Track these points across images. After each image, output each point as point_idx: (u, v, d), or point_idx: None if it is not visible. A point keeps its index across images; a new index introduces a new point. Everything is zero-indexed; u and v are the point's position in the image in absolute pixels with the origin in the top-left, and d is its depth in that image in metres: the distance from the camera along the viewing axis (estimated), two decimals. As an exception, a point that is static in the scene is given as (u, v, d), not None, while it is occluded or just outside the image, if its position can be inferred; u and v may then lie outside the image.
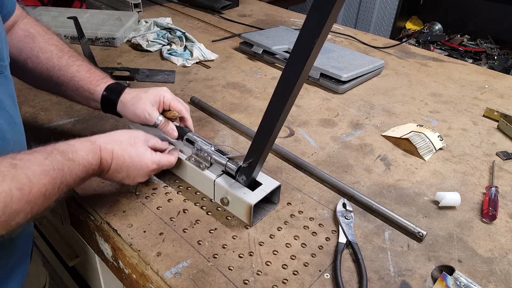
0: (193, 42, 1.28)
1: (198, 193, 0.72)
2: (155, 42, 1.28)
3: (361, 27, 3.09)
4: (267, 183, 0.68)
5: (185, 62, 1.20)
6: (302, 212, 0.70)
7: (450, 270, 0.58)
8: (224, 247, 0.62)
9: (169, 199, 0.71)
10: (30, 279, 0.72)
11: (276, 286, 0.57)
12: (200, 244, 0.63)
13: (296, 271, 0.59)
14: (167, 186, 0.74)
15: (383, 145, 0.90)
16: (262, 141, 0.60)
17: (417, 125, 0.94)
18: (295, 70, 0.50)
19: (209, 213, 0.69)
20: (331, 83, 1.11)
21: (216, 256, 0.61)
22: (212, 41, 1.39)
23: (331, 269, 0.60)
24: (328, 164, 0.83)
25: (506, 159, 0.87)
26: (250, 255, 0.61)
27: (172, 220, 0.67)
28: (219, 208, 0.70)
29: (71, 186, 0.54)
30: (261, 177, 0.68)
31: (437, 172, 0.82)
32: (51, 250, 1.07)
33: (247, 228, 0.66)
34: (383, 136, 0.93)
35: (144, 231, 0.64)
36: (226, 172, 0.69)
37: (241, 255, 0.61)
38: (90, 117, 0.91)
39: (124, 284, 0.68)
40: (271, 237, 0.65)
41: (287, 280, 0.58)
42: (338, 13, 0.61)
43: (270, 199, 0.71)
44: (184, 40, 1.28)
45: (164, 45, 1.28)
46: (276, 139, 0.83)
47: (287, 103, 0.54)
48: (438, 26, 2.84)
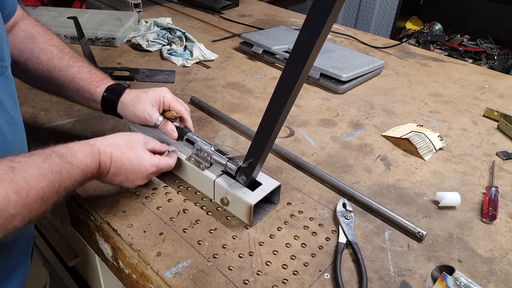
0: (193, 42, 1.28)
1: (198, 193, 0.72)
2: (155, 42, 1.28)
3: (361, 27, 3.09)
4: (267, 183, 0.68)
5: (185, 62, 1.20)
6: (302, 212, 0.70)
7: (450, 270, 0.58)
8: (224, 247, 0.62)
9: (169, 199, 0.71)
10: (31, 279, 0.72)
11: (276, 286, 0.57)
12: (200, 244, 0.63)
13: (296, 271, 0.59)
14: (167, 186, 0.74)
15: (383, 145, 0.90)
16: (262, 141, 0.60)
17: (417, 125, 0.94)
18: (295, 70, 0.50)
19: (209, 213, 0.69)
20: (331, 83, 1.11)
21: (216, 256, 0.61)
22: (212, 41, 1.39)
23: (331, 269, 0.60)
24: (328, 164, 0.83)
25: (506, 159, 0.87)
26: (250, 255, 0.61)
27: (172, 220, 0.67)
28: (219, 208, 0.70)
29: (69, 190, 0.53)
30: (261, 177, 0.68)
31: (437, 172, 0.82)
32: (51, 250, 1.07)
33: (247, 228, 0.66)
34: (383, 136, 0.93)
35: (144, 231, 0.64)
36: (226, 172, 0.69)
37: (241, 255, 0.61)
38: (90, 117, 0.91)
39: (124, 284, 0.68)
40: (271, 237, 0.65)
41: (287, 280, 0.58)
42: (338, 13, 0.61)
43: (270, 199, 0.71)
44: (184, 40, 1.28)
45: (164, 45, 1.28)
46: (276, 139, 0.83)
47: (287, 103, 0.54)
48: (438, 26, 2.84)
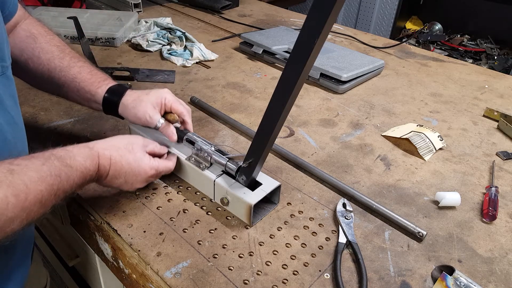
0: (193, 42, 1.28)
1: (198, 193, 0.72)
2: (155, 42, 1.28)
3: (361, 27, 3.09)
4: (267, 183, 0.68)
5: (185, 62, 1.20)
6: (302, 212, 0.70)
7: (450, 270, 0.58)
8: (224, 247, 0.62)
9: (169, 199, 0.71)
10: (31, 280, 0.72)
11: (276, 286, 0.57)
12: (200, 244, 0.63)
13: (296, 271, 0.59)
14: (167, 186, 0.74)
15: (383, 145, 0.90)
16: (262, 141, 0.60)
17: (417, 125, 0.94)
18: (295, 70, 0.50)
19: (209, 213, 0.69)
20: (331, 83, 1.11)
21: (216, 256, 0.61)
22: (212, 41, 1.39)
23: (331, 269, 0.60)
24: (328, 164, 0.83)
25: (506, 159, 0.87)
26: (250, 255, 0.61)
27: (172, 220, 0.67)
28: (219, 208, 0.70)
29: (68, 193, 0.53)
30: (261, 177, 0.68)
31: (437, 172, 0.82)
32: (51, 250, 1.07)
33: (247, 228, 0.66)
34: (383, 136, 0.93)
35: (144, 231, 0.64)
36: (226, 172, 0.69)
37: (241, 255, 0.61)
38: (90, 117, 0.91)
39: (124, 284, 0.68)
40: (271, 237, 0.65)
41: (287, 280, 0.58)
42: (338, 13, 0.61)
43: (270, 199, 0.71)
44: (184, 40, 1.28)
45: (164, 45, 1.28)
46: (276, 139, 0.83)
47: (287, 103, 0.54)
48: (438, 26, 2.84)
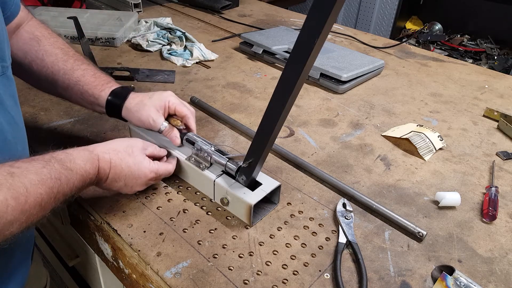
0: (193, 42, 1.28)
1: (198, 193, 0.72)
2: (155, 42, 1.28)
3: (361, 27, 3.09)
4: (267, 183, 0.68)
5: (185, 62, 1.20)
6: (302, 212, 0.70)
7: (450, 270, 0.58)
8: (224, 247, 0.62)
9: (169, 199, 0.71)
10: (31, 280, 0.72)
11: (276, 286, 0.57)
12: (200, 244, 0.63)
13: (296, 271, 0.59)
14: (167, 186, 0.74)
15: (383, 145, 0.90)
16: (262, 141, 0.60)
17: (417, 125, 0.94)
18: (295, 70, 0.50)
19: (209, 213, 0.69)
20: (331, 83, 1.11)
21: (216, 256, 0.61)
22: (212, 41, 1.39)
23: (331, 269, 0.60)
24: (328, 164, 0.83)
25: (506, 159, 0.87)
26: (250, 255, 0.61)
27: (172, 220, 0.67)
28: (219, 208, 0.70)
29: (68, 196, 0.53)
30: (261, 177, 0.68)
31: (437, 172, 0.82)
32: (51, 250, 1.07)
33: (247, 228, 0.66)
34: (383, 136, 0.93)
35: (144, 231, 0.64)
36: (226, 172, 0.69)
37: (241, 255, 0.61)
38: (90, 117, 0.91)
39: (124, 284, 0.68)
40: (271, 237, 0.65)
41: (287, 280, 0.58)
42: (338, 13, 0.61)
43: (270, 199, 0.71)
44: (184, 40, 1.28)
45: (164, 45, 1.28)
46: (276, 139, 0.83)
47: (287, 103, 0.54)
48: (438, 26, 2.84)
